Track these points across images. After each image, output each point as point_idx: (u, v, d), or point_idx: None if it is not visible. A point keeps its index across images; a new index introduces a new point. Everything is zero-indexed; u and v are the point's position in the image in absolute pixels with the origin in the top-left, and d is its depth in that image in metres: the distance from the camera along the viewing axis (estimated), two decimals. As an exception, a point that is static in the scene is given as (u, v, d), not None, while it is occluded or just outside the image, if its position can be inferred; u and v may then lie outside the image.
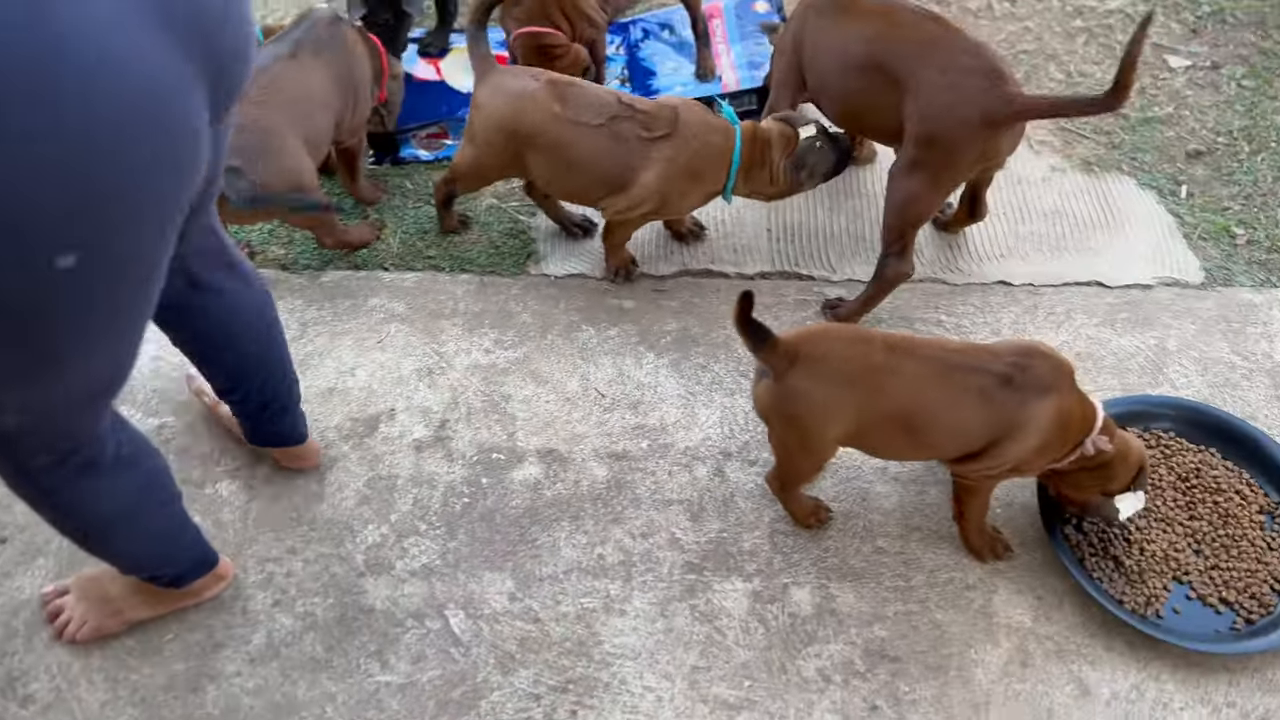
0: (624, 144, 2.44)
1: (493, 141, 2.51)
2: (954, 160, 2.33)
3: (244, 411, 2.17)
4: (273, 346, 2.08)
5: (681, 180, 2.47)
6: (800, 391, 1.86)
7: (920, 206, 2.42)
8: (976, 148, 2.30)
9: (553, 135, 2.45)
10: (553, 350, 2.58)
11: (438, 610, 2.12)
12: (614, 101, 2.46)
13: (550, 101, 2.44)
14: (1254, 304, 2.68)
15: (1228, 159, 3.08)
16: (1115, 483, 2.01)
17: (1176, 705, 2.00)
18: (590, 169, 2.47)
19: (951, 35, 2.32)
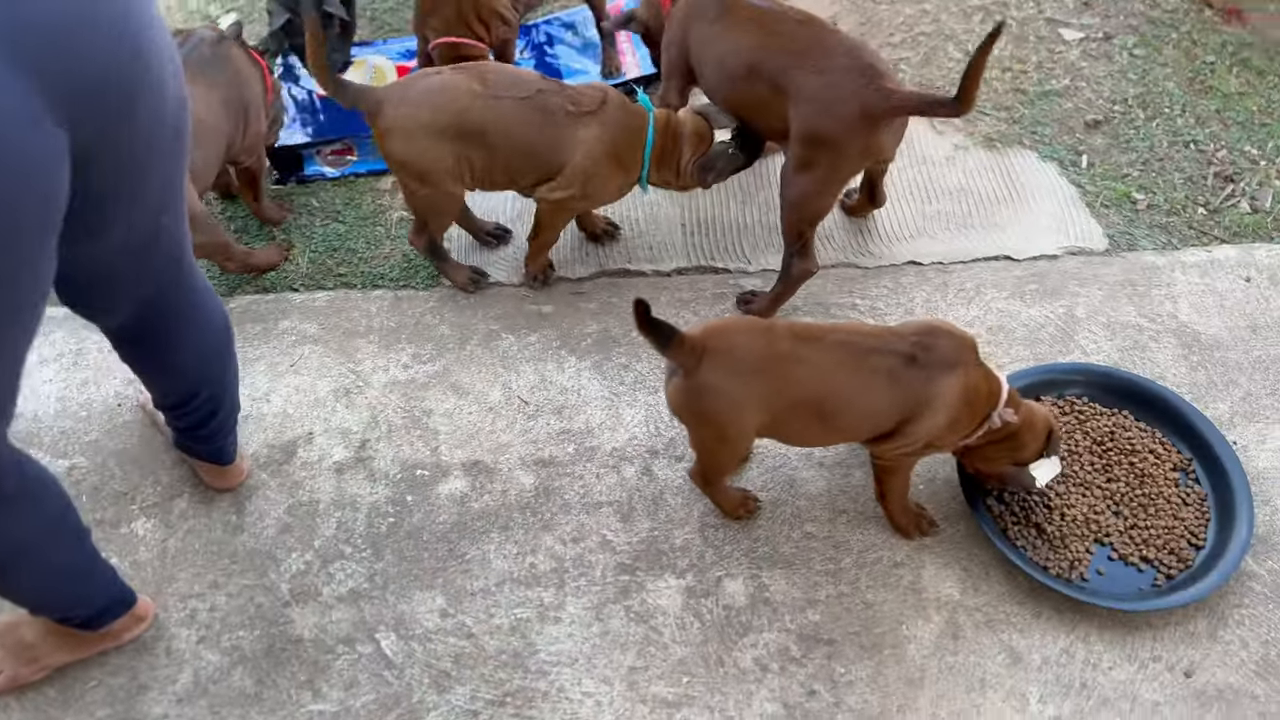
0: (552, 117, 2.38)
1: (429, 152, 2.37)
2: (839, 157, 2.35)
3: (184, 425, 2.11)
4: (229, 365, 2.05)
5: (605, 162, 2.45)
6: (710, 386, 1.86)
7: (814, 205, 2.44)
8: (859, 143, 2.32)
9: (479, 114, 2.36)
10: (473, 361, 2.55)
11: (368, 634, 2.09)
12: (536, 78, 2.43)
13: (469, 83, 2.37)
14: (1157, 266, 2.75)
15: (1125, 127, 3.15)
16: (1025, 452, 2.05)
17: (1105, 665, 2.04)
18: (521, 145, 2.40)
19: (826, 37, 2.35)
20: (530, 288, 2.73)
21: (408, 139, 2.35)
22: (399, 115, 2.34)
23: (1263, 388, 2.48)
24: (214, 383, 2.03)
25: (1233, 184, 2.99)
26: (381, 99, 2.35)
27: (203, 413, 2.06)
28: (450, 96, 2.35)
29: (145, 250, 1.68)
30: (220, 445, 2.17)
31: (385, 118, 2.35)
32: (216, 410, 2.07)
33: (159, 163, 1.53)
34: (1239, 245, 2.81)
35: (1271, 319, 2.62)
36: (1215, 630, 2.08)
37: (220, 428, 2.12)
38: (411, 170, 2.40)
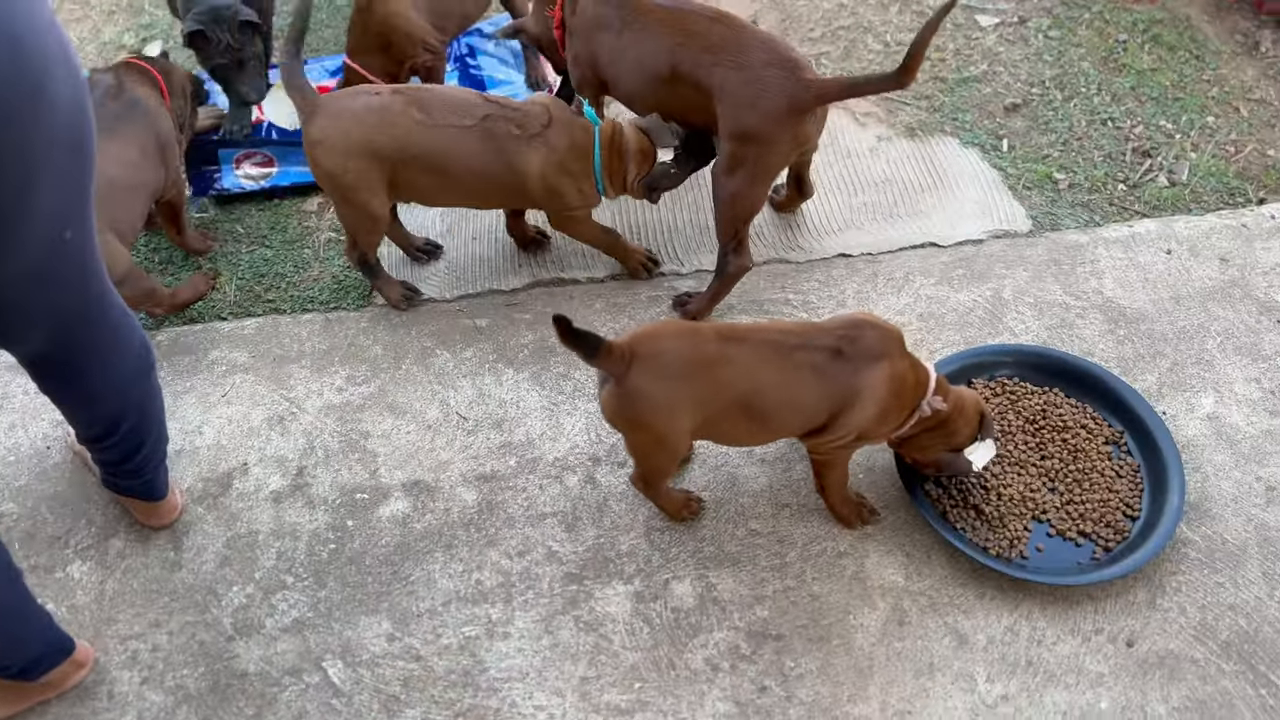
0: (499, 143, 2.38)
1: (356, 170, 2.35)
2: (768, 152, 2.37)
3: (110, 458, 2.07)
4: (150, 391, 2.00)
5: (562, 178, 2.45)
6: (641, 392, 1.87)
7: (747, 202, 2.46)
8: (787, 136, 2.34)
9: (423, 145, 2.35)
10: (408, 379, 2.53)
11: (315, 663, 2.06)
12: (479, 101, 2.41)
13: (408, 109, 2.35)
14: (1081, 244, 2.79)
15: (1043, 108, 3.21)
16: (959, 437, 2.07)
17: (1050, 640, 2.07)
18: (476, 171, 2.40)
19: (743, 34, 2.36)
20: (641, 278, 2.75)
21: (333, 154, 2.34)
22: (330, 129, 2.33)
23: (1188, 357, 2.53)
24: (136, 410, 1.98)
25: (1150, 159, 3.05)
26: (316, 109, 2.34)
27: (128, 444, 2.02)
28: (388, 120, 2.34)
29: (46, 273, 1.61)
30: (150, 479, 2.13)
31: (316, 129, 2.34)
32: (142, 441, 2.03)
33: (50, 178, 1.47)
34: (1159, 218, 2.87)
35: (1193, 289, 2.68)
36: (1154, 599, 2.12)
37: (148, 460, 2.08)
38: (335, 185, 2.39)
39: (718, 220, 2.51)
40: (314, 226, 2.91)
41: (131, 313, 1.91)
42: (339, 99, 2.38)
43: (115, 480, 2.14)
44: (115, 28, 3.67)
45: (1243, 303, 2.65)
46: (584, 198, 2.53)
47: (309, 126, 2.36)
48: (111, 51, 3.54)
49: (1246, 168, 3.03)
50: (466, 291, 2.73)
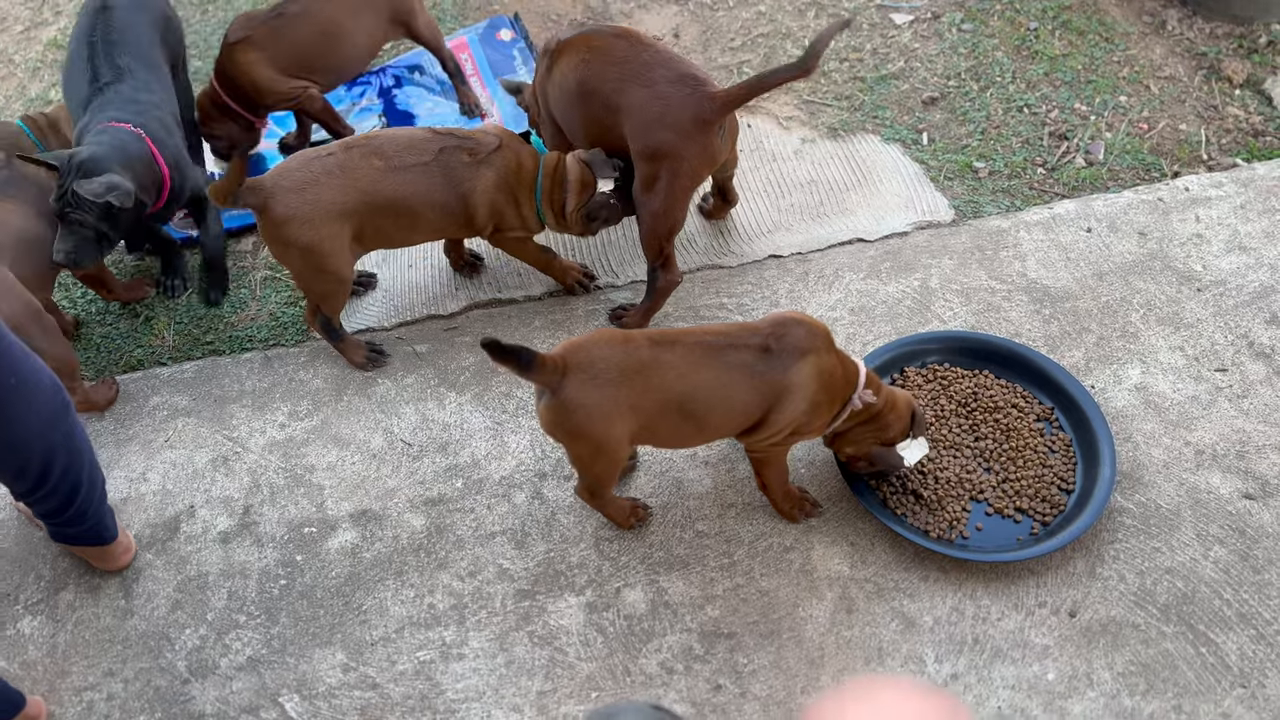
0: (456, 173, 2.41)
1: (330, 235, 2.34)
2: (679, 167, 2.40)
3: (52, 507, 2.05)
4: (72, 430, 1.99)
5: (503, 201, 2.48)
6: (576, 402, 1.89)
7: (667, 220, 2.48)
8: (695, 150, 2.38)
9: (388, 190, 2.36)
10: (351, 411, 2.55)
11: (271, 699, 2.06)
12: (429, 135, 2.43)
13: (367, 160, 2.35)
14: (1003, 229, 2.86)
15: (960, 100, 3.28)
16: (891, 432, 2.12)
17: (994, 617, 2.11)
18: (429, 208, 2.42)
19: (642, 51, 2.40)
20: (578, 294, 2.78)
21: (308, 226, 2.31)
22: (297, 203, 2.30)
23: (1113, 331, 2.60)
24: (64, 450, 1.96)
25: (1067, 141, 3.13)
26: (271, 190, 2.30)
27: (66, 488, 2.01)
28: (352, 177, 2.34)
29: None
30: (96, 522, 2.12)
31: (281, 207, 2.30)
32: (78, 482, 2.02)
33: None
34: (1078, 199, 2.95)
35: (1114, 264, 2.75)
36: (1094, 568, 2.18)
37: (89, 501, 2.07)
38: (313, 255, 2.36)
39: (642, 239, 2.54)
40: (249, 266, 2.92)
41: (31, 353, 1.90)
42: (291, 172, 2.34)
43: (64, 530, 2.13)
44: (41, 84, 3.67)
45: (1163, 274, 2.72)
46: (524, 221, 2.55)
47: (271, 208, 2.30)
48: (39, 108, 3.53)
49: (1160, 143, 3.11)
50: (405, 319, 2.75)
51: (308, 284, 2.46)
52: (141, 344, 2.74)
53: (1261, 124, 3.15)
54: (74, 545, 2.21)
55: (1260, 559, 2.17)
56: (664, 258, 2.55)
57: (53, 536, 2.18)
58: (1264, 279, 2.69)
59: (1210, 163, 3.05)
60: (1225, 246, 2.78)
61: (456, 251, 2.82)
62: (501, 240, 2.61)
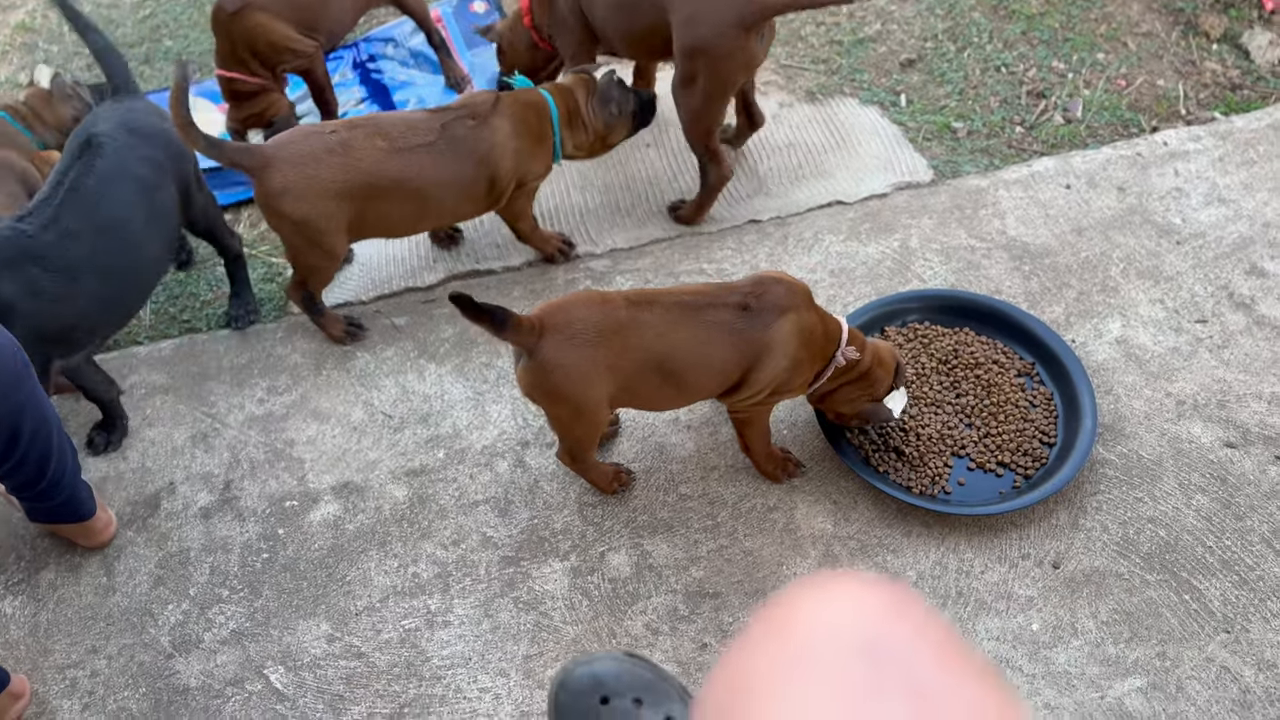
0: (464, 141, 2.38)
1: (325, 213, 2.30)
2: (720, 66, 2.45)
3: (25, 478, 2.02)
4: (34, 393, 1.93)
5: (530, 144, 2.46)
6: (553, 363, 1.88)
7: (708, 117, 2.57)
8: (735, 50, 2.42)
9: (393, 171, 2.32)
10: (330, 385, 2.53)
11: (256, 671, 2.06)
12: (429, 114, 2.40)
13: (371, 141, 2.31)
14: (981, 188, 2.86)
15: (938, 61, 3.27)
16: (880, 387, 2.12)
17: (978, 569, 2.12)
18: (443, 189, 2.39)
19: None
20: (558, 263, 2.77)
21: (302, 201, 2.28)
22: (294, 176, 2.26)
23: (1093, 285, 2.60)
24: (31, 416, 1.91)
25: (1045, 99, 3.12)
26: (269, 159, 2.26)
27: (36, 456, 1.97)
28: (355, 157, 2.29)
29: None
30: (71, 495, 2.10)
31: (278, 178, 2.26)
32: (48, 452, 1.99)
33: None
34: (1056, 156, 2.94)
35: (1093, 220, 2.75)
36: (1077, 519, 2.18)
37: (62, 471, 2.05)
38: (306, 230, 2.33)
39: (687, 136, 2.65)
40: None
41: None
42: (293, 144, 2.29)
43: (40, 505, 2.12)
44: (9, 67, 3.63)
45: (1142, 228, 2.72)
46: (546, 162, 2.54)
47: (267, 178, 2.26)
48: (7, 91, 3.49)
49: (1138, 99, 3.11)
50: (383, 292, 2.74)
51: (297, 256, 2.44)
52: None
53: (1239, 77, 3.14)
54: (53, 523, 2.19)
55: (1242, 506, 2.18)
56: (711, 151, 2.64)
57: (30, 516, 2.17)
58: (1243, 230, 2.69)
59: (1188, 117, 3.04)
60: (1204, 199, 2.78)
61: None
62: (514, 199, 2.55)
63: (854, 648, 0.60)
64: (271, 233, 2.90)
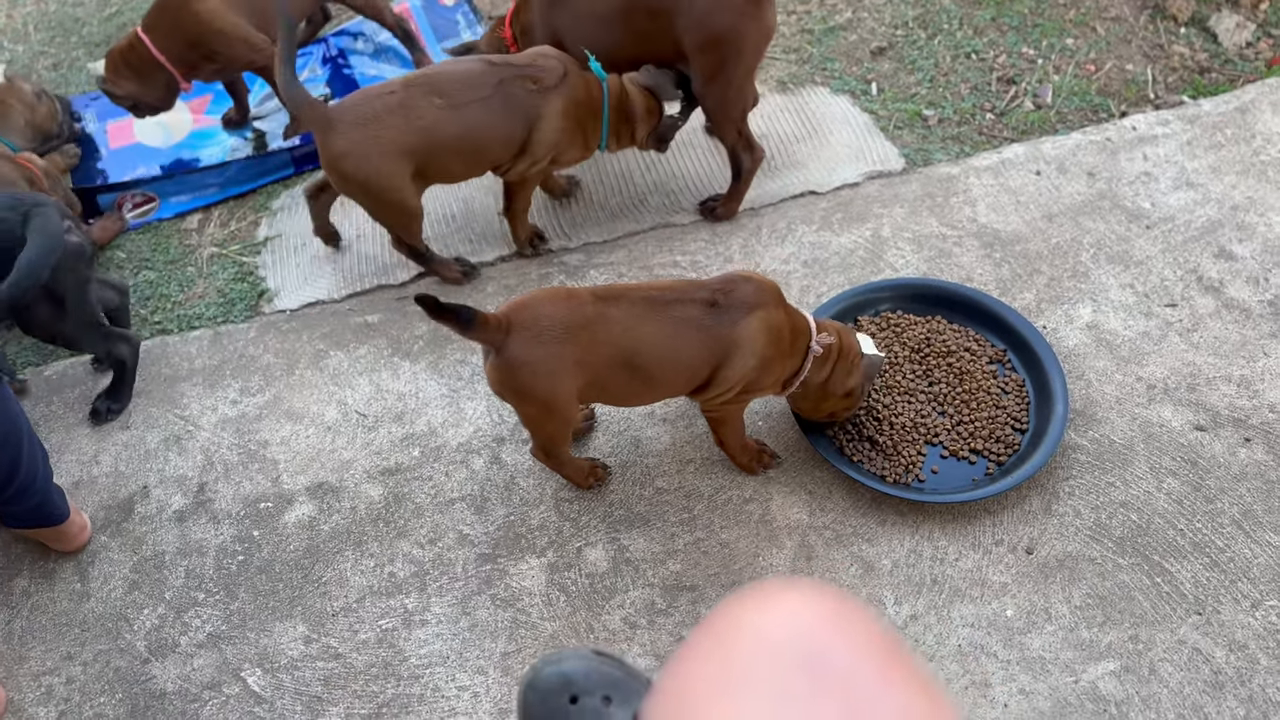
0: (518, 102, 2.39)
1: (390, 172, 2.35)
2: (744, 47, 2.45)
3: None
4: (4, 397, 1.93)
5: (571, 130, 2.47)
6: (521, 360, 1.88)
7: (739, 103, 2.57)
8: (756, 25, 2.43)
9: (453, 129, 2.35)
10: (303, 384, 2.52)
11: (233, 674, 2.05)
12: (487, 67, 2.40)
13: (428, 98, 2.34)
14: (952, 175, 2.86)
15: (908, 48, 3.27)
16: (854, 351, 2.12)
17: (952, 557, 2.13)
18: (494, 142, 2.41)
19: None
20: (525, 256, 2.76)
21: (366, 162, 2.33)
22: (357, 138, 2.31)
23: (1063, 271, 2.61)
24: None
25: (1015, 85, 3.13)
26: (332, 121, 2.31)
27: (4, 463, 1.96)
28: (414, 114, 2.33)
29: None
30: (42, 501, 2.09)
31: (340, 139, 2.31)
32: (16, 459, 1.98)
33: None
34: (1027, 142, 2.95)
35: (1063, 205, 2.76)
36: (1049, 505, 2.20)
37: (32, 482, 2.03)
38: (370, 190, 2.38)
39: (717, 129, 2.66)
40: (195, 244, 2.88)
41: None
42: (355, 106, 2.33)
43: (10, 510, 2.10)
44: (-27, 67, 3.58)
45: (1112, 213, 2.73)
46: (586, 151, 2.56)
47: (330, 139, 2.31)
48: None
49: (1107, 84, 3.12)
50: (355, 290, 2.72)
51: (375, 213, 2.50)
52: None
53: (1207, 61, 3.16)
54: (26, 528, 2.18)
55: (1212, 488, 2.20)
56: (743, 138, 2.64)
57: (3, 521, 2.15)
58: (1211, 214, 2.71)
59: (1157, 101, 3.06)
60: (1173, 183, 2.79)
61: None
62: (526, 173, 2.55)
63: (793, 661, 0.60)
64: (242, 232, 2.89)
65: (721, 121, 2.61)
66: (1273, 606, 2.02)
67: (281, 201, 2.98)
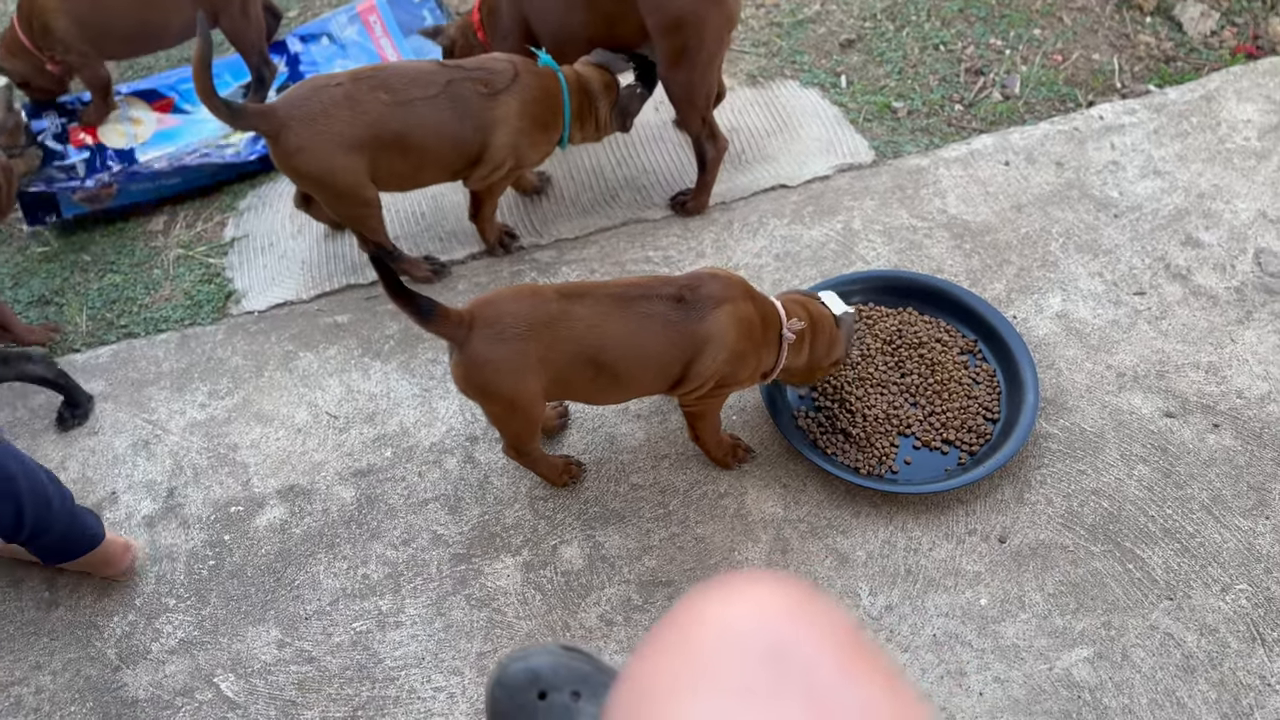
0: (467, 105, 2.36)
1: (344, 166, 2.32)
2: (705, 31, 2.43)
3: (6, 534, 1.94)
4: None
5: (533, 131, 2.45)
6: (483, 357, 1.87)
7: (703, 88, 2.55)
8: (716, 10, 2.41)
9: (396, 125, 2.32)
10: (273, 386, 2.49)
11: (206, 680, 2.03)
12: (437, 68, 2.38)
13: (375, 93, 2.31)
14: (922, 167, 2.87)
15: (877, 40, 3.27)
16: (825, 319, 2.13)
17: (925, 547, 2.14)
18: (440, 143, 2.38)
19: None
20: (499, 255, 2.74)
21: (318, 157, 2.30)
22: (308, 134, 2.28)
23: (1033, 261, 2.62)
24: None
25: (983, 77, 3.14)
26: (284, 119, 2.28)
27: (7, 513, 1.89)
28: (361, 108, 2.30)
29: None
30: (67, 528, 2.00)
31: (293, 136, 2.29)
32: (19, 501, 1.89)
33: None
34: (995, 133, 2.96)
35: (1032, 196, 2.77)
36: (1021, 494, 2.21)
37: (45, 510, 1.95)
38: (327, 185, 2.36)
39: (681, 116, 2.64)
40: (161, 245, 2.84)
41: None
42: (302, 100, 2.30)
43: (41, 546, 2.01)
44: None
45: (1080, 202, 2.75)
46: (544, 151, 2.54)
47: (283, 139, 2.29)
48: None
49: (1074, 74, 3.14)
50: (324, 290, 2.70)
51: (336, 210, 2.49)
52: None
53: (1172, 49, 3.18)
54: (67, 561, 2.09)
55: (1182, 474, 2.22)
56: (707, 127, 2.62)
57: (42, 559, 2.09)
58: (1178, 202, 2.73)
59: (1124, 90, 3.08)
60: (1140, 172, 2.81)
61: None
62: (490, 180, 2.52)
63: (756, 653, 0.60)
64: (208, 233, 2.86)
65: (686, 110, 2.60)
66: (1242, 590, 2.04)
67: (248, 201, 2.95)
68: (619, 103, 2.54)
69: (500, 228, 2.74)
